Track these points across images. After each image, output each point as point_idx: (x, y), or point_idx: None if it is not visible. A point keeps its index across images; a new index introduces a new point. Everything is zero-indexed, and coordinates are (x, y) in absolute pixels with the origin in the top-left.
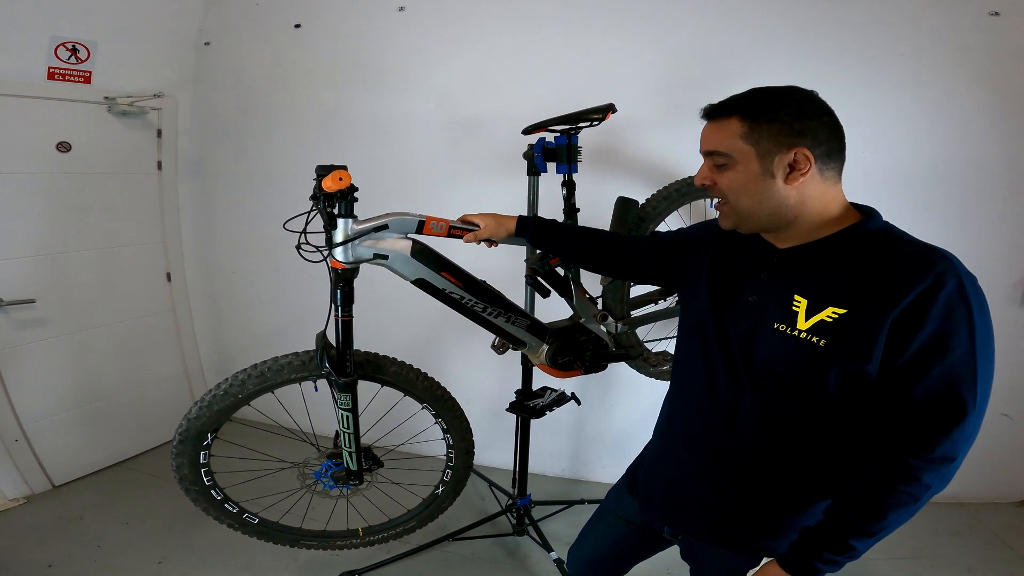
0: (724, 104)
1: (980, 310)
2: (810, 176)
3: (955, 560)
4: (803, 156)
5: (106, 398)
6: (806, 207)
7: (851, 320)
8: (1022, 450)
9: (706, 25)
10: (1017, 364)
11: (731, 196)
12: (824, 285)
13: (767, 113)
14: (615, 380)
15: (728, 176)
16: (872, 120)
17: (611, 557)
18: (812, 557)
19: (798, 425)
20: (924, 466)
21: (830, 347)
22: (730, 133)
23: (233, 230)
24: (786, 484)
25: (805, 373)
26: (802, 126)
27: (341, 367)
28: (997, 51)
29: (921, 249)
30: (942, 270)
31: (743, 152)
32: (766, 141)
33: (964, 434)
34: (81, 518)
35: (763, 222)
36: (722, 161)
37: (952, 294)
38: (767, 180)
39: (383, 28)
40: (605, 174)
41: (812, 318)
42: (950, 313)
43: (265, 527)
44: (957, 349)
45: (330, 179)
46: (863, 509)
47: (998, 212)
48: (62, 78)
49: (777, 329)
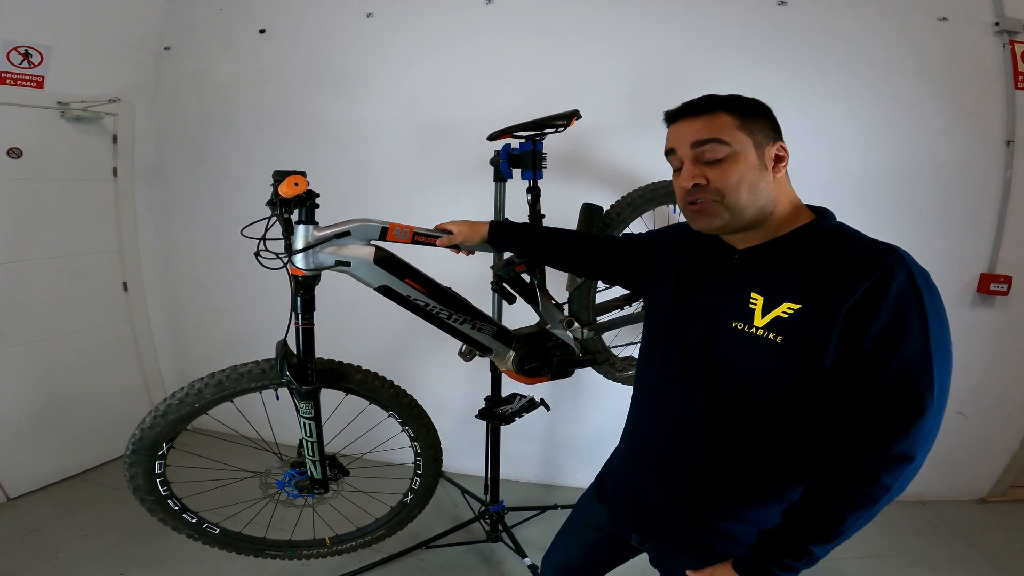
0: (706, 101)
1: (933, 303)
2: (784, 171)
3: (919, 558)
4: (783, 149)
5: (63, 409)
6: (779, 202)
7: (806, 315)
8: (980, 448)
9: (669, 34)
10: (971, 364)
11: (729, 190)
12: (780, 282)
13: (751, 110)
14: (584, 385)
15: (726, 169)
16: (827, 125)
17: (582, 565)
18: (770, 562)
19: (753, 430)
20: (882, 465)
21: (786, 343)
22: (725, 124)
23: (193, 238)
24: (744, 490)
25: (763, 372)
26: (775, 123)
27: (302, 375)
28: (946, 55)
29: (873, 245)
30: (892, 263)
31: (743, 142)
32: (758, 133)
33: (923, 431)
34: (38, 530)
35: (750, 218)
36: (721, 153)
37: (903, 286)
38: (763, 171)
39: (351, 34)
40: (571, 180)
41: (768, 315)
42: (902, 305)
43: (227, 537)
44: (911, 342)
45: (286, 184)
46: (821, 512)
47: (950, 214)
48: (14, 83)
49: (735, 328)
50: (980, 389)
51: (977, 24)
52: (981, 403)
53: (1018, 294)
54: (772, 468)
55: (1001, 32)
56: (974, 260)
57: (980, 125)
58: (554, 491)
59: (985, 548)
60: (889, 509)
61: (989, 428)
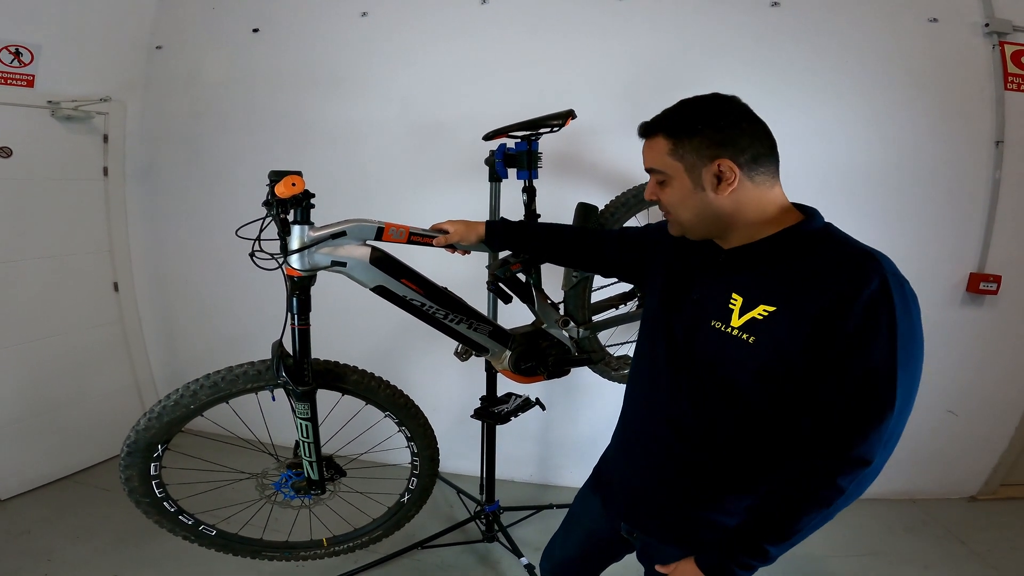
0: (653, 123)
1: (904, 311)
2: (739, 184)
3: (910, 557)
4: (727, 167)
5: (53, 410)
6: (742, 212)
7: (779, 316)
8: (970, 447)
9: (664, 34)
10: (960, 362)
11: (672, 210)
12: (759, 284)
13: (687, 129)
14: (580, 384)
15: (668, 192)
16: (816, 125)
17: (579, 560)
18: (728, 559)
19: (732, 426)
20: (839, 467)
21: (757, 344)
22: (659, 151)
23: (185, 238)
24: (725, 480)
25: (735, 371)
26: (722, 137)
27: (298, 376)
28: (936, 56)
29: (853, 250)
30: (868, 269)
31: (673, 168)
32: (691, 155)
33: (882, 437)
34: (28, 532)
35: (705, 231)
36: (660, 178)
37: (875, 293)
38: (699, 193)
39: (346, 33)
40: (566, 180)
41: (744, 315)
42: (871, 311)
43: (224, 539)
44: (877, 349)
45: (283, 184)
46: (778, 512)
47: (940, 214)
48: (3, 81)
49: (714, 327)
50: (970, 388)
51: (967, 25)
52: (971, 402)
53: (1007, 293)
54: (752, 460)
55: (991, 33)
56: (963, 260)
57: (970, 126)
58: (550, 490)
59: (976, 546)
60: (880, 507)
61: (979, 426)
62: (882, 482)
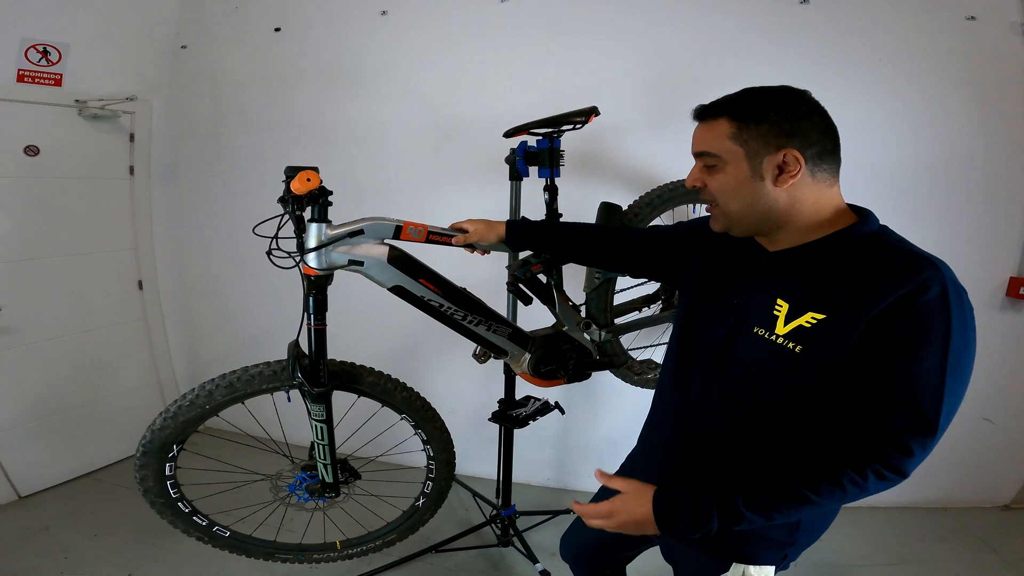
0: (714, 105)
1: (960, 323)
2: (800, 178)
3: (942, 565)
4: (793, 157)
5: (75, 408)
6: (797, 210)
7: (829, 325)
8: (1005, 454)
9: (688, 29)
10: (998, 368)
11: (720, 199)
12: (808, 290)
13: (756, 114)
14: (599, 389)
15: (718, 178)
16: (851, 124)
17: (595, 545)
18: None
19: (762, 432)
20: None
21: (805, 354)
22: (719, 134)
23: (208, 236)
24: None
25: (777, 380)
26: (792, 127)
27: (314, 377)
28: (974, 55)
29: (911, 255)
30: (928, 276)
31: (732, 153)
32: (755, 142)
33: (923, 452)
34: (47, 529)
35: (753, 225)
36: (712, 162)
37: (933, 301)
38: (756, 182)
39: (365, 32)
40: (588, 179)
41: (791, 323)
42: (926, 319)
43: (237, 540)
44: (927, 360)
45: (298, 180)
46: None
47: (977, 217)
48: (32, 80)
49: (756, 333)
50: (1007, 394)
51: (1005, 24)
52: (1007, 408)
53: None
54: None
55: None
56: (1003, 264)
57: (1007, 126)
58: (567, 495)
59: (1008, 555)
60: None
61: (1015, 433)
62: (913, 490)
